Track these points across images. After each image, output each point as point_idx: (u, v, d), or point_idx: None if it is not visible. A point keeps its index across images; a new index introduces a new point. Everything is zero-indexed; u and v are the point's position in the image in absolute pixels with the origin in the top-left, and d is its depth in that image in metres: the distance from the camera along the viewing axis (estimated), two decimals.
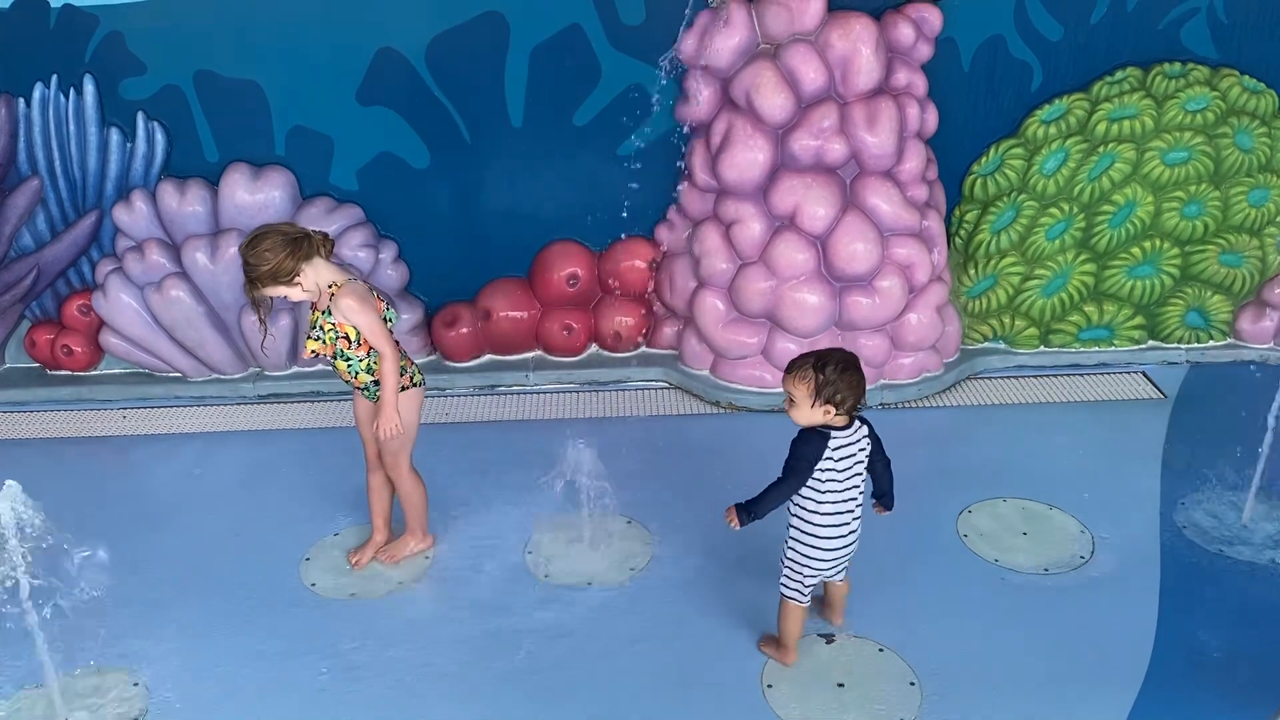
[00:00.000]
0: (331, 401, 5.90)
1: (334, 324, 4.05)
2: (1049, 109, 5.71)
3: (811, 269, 5.46)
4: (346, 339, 4.06)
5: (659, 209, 5.88)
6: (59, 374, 6.26)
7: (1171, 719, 3.68)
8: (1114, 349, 6.09)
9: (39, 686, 3.90)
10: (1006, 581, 4.33)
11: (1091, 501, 4.76)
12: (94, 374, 6.25)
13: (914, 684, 3.81)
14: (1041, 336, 6.07)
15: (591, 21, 5.50)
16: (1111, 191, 5.74)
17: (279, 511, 4.94)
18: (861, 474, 3.66)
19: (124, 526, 4.80)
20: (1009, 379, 5.97)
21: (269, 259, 3.87)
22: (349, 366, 4.15)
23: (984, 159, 5.83)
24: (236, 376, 6.14)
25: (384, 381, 4.09)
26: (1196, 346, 6.08)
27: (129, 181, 5.81)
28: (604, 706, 3.80)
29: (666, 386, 6.04)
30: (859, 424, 3.63)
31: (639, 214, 5.78)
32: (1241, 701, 3.67)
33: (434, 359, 6.17)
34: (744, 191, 5.45)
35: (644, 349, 6.19)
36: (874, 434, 3.69)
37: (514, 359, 6.18)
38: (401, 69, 5.57)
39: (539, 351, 6.22)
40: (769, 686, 3.83)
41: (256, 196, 5.68)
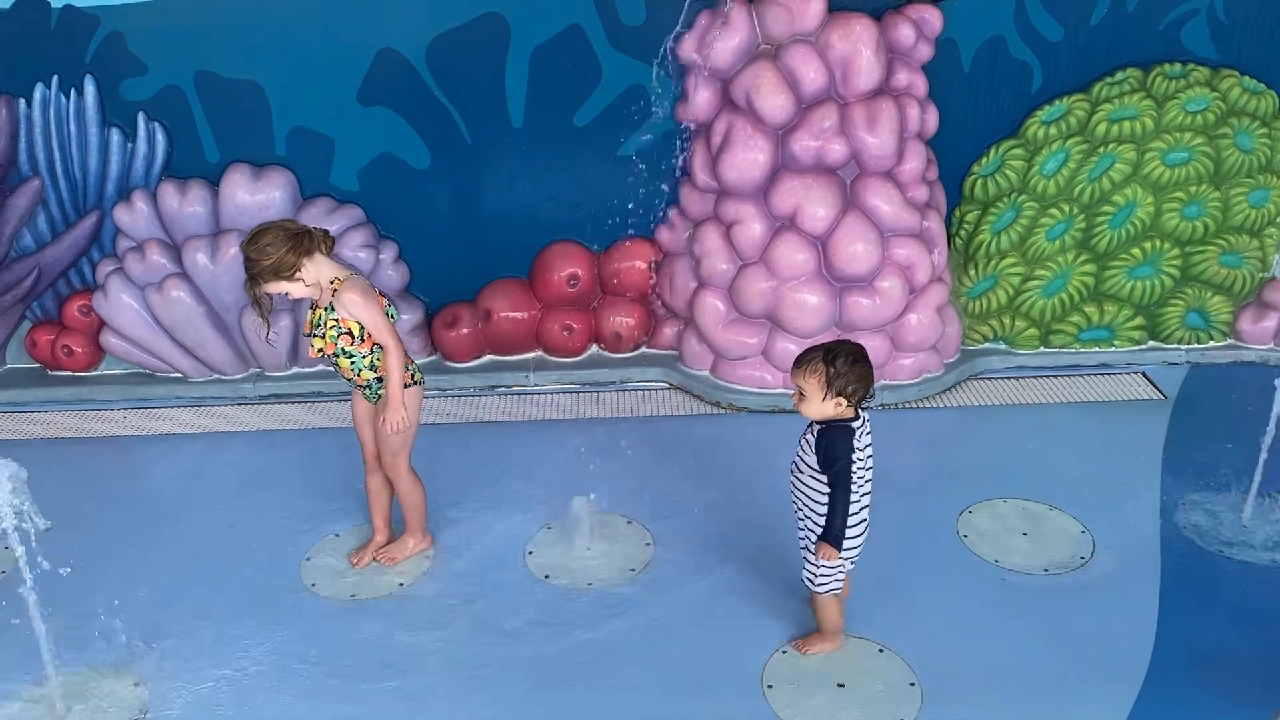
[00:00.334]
0: (332, 402, 5.90)
1: (337, 320, 4.04)
2: (1049, 110, 5.71)
3: (812, 269, 5.46)
4: (349, 335, 4.06)
5: (659, 210, 5.88)
6: (59, 374, 6.26)
7: (1172, 719, 3.68)
8: (1114, 350, 6.09)
9: (39, 686, 3.90)
10: (1007, 582, 4.33)
11: (1092, 502, 4.76)
12: (94, 374, 6.25)
13: (914, 684, 3.81)
14: (1042, 337, 6.07)
15: (592, 22, 5.51)
16: (1112, 192, 5.74)
17: (279, 512, 4.93)
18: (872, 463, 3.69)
19: (124, 527, 4.81)
20: (1009, 379, 5.97)
21: (270, 254, 3.87)
22: (352, 364, 4.14)
23: (984, 160, 5.83)
24: (237, 377, 6.14)
25: (389, 375, 4.09)
26: (1197, 347, 6.08)
27: (130, 182, 5.81)
28: (604, 707, 3.80)
29: (667, 387, 6.04)
30: (863, 412, 3.66)
31: (639, 215, 5.79)
32: (1242, 702, 3.66)
33: (434, 359, 6.17)
34: (744, 192, 5.45)
35: (644, 349, 6.20)
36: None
37: (514, 359, 6.19)
38: (402, 69, 5.57)
39: (539, 352, 6.22)
40: (769, 687, 3.82)
41: (257, 197, 5.69)
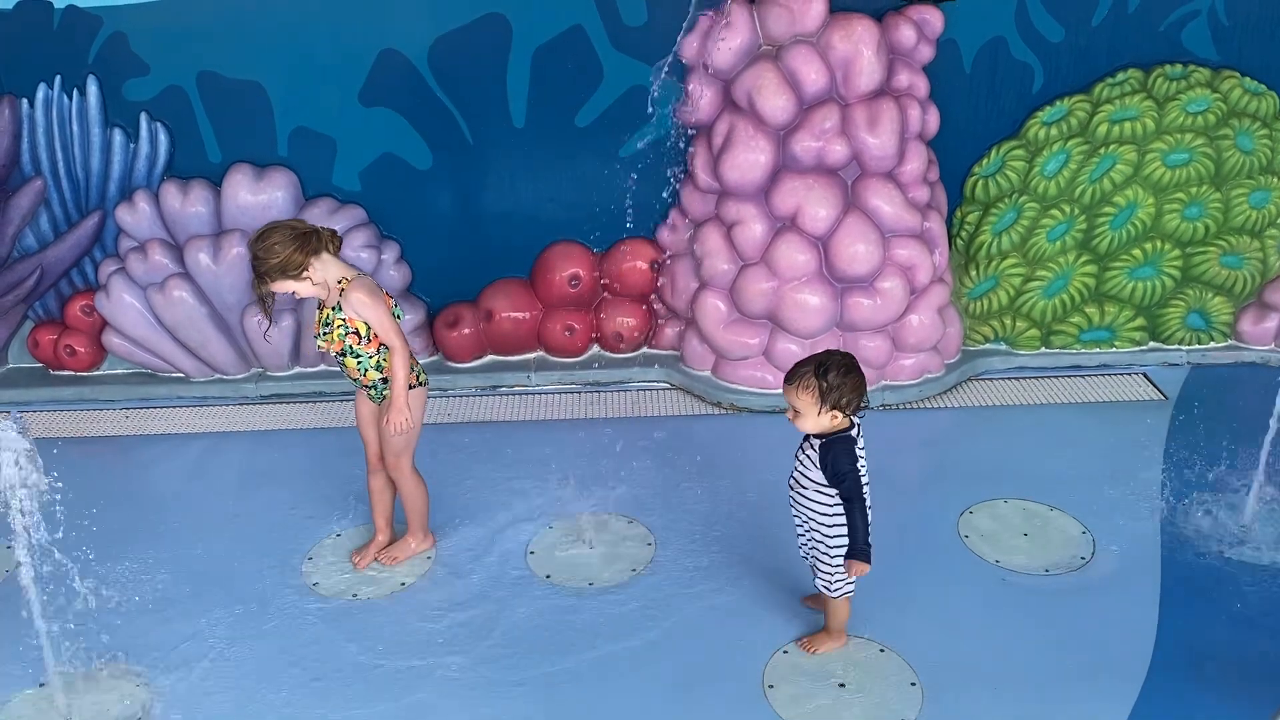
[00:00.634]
0: (334, 402, 5.91)
1: (344, 320, 4.05)
2: (1050, 110, 5.72)
3: (813, 270, 5.46)
4: (356, 335, 4.06)
5: (661, 210, 5.88)
6: (62, 374, 6.26)
7: (1172, 718, 3.68)
8: (1115, 350, 6.09)
9: (42, 685, 3.91)
10: (1007, 582, 4.34)
11: (1092, 502, 4.76)
12: (97, 374, 6.26)
13: (915, 684, 3.82)
14: (1043, 338, 6.07)
15: (593, 23, 5.51)
16: (1113, 193, 5.74)
17: (281, 511, 4.94)
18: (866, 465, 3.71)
19: (126, 526, 4.81)
20: (1010, 380, 5.97)
21: (278, 252, 3.87)
22: (358, 364, 4.15)
23: (985, 160, 5.84)
24: (239, 377, 6.14)
25: (394, 376, 4.09)
26: (1197, 348, 6.08)
27: (132, 182, 5.82)
28: (605, 707, 3.81)
29: (668, 387, 6.04)
30: (857, 420, 3.68)
31: (641, 215, 5.78)
32: (1242, 702, 3.67)
33: (436, 359, 6.17)
34: (745, 192, 5.45)
35: (645, 350, 6.20)
36: None
37: (516, 359, 6.19)
38: (404, 70, 5.58)
39: (540, 352, 6.22)
40: (770, 687, 3.83)
41: (259, 197, 5.70)
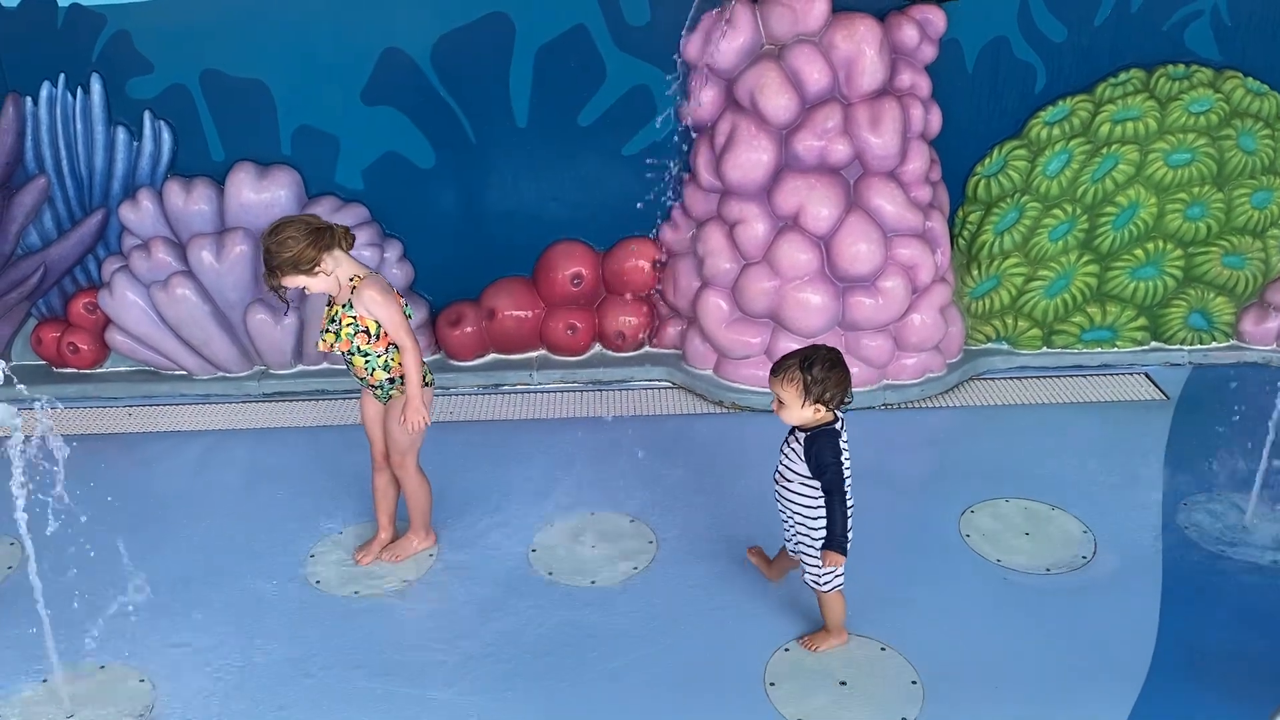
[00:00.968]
0: (336, 400, 5.92)
1: (354, 318, 4.05)
2: (1052, 110, 5.72)
3: (815, 269, 5.47)
4: (366, 333, 4.06)
5: (663, 209, 5.88)
6: (65, 371, 6.27)
7: (1173, 719, 3.69)
8: (1117, 350, 6.09)
9: (45, 682, 3.93)
10: (1009, 581, 4.34)
11: (1094, 502, 4.77)
12: (100, 372, 6.27)
13: (916, 683, 3.82)
14: (1044, 337, 6.08)
15: (596, 22, 5.52)
16: (1115, 193, 5.75)
17: (284, 509, 4.95)
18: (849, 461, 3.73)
19: (129, 523, 4.81)
20: (1012, 380, 5.97)
21: (291, 246, 3.87)
22: (366, 363, 4.15)
23: (987, 160, 5.84)
24: (242, 374, 6.15)
25: (408, 375, 4.10)
26: (1199, 348, 6.08)
27: (135, 180, 5.83)
28: (607, 705, 3.82)
29: (670, 386, 6.05)
30: (840, 414, 3.70)
31: (643, 214, 5.78)
32: (1243, 701, 3.67)
33: (438, 358, 6.18)
34: (748, 192, 5.46)
35: (647, 349, 6.21)
36: None
37: (518, 358, 6.20)
38: (407, 69, 5.58)
39: (543, 351, 6.23)
40: (771, 685, 3.84)
41: (262, 195, 5.71)
